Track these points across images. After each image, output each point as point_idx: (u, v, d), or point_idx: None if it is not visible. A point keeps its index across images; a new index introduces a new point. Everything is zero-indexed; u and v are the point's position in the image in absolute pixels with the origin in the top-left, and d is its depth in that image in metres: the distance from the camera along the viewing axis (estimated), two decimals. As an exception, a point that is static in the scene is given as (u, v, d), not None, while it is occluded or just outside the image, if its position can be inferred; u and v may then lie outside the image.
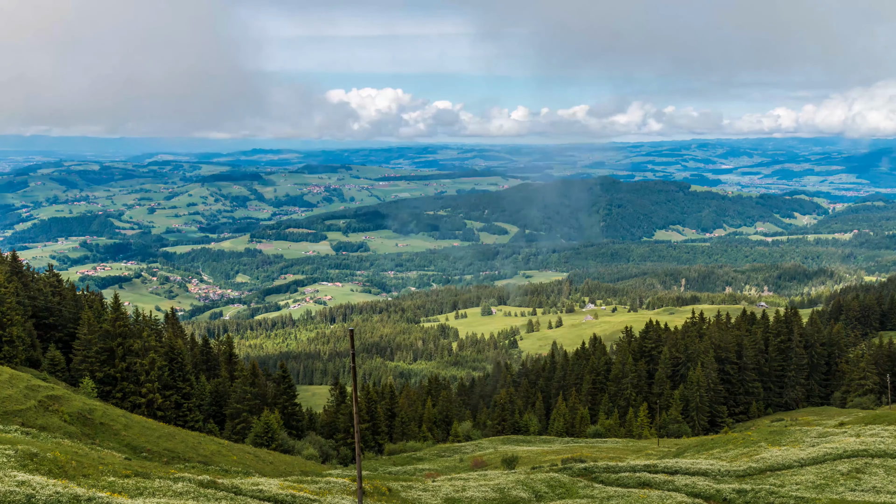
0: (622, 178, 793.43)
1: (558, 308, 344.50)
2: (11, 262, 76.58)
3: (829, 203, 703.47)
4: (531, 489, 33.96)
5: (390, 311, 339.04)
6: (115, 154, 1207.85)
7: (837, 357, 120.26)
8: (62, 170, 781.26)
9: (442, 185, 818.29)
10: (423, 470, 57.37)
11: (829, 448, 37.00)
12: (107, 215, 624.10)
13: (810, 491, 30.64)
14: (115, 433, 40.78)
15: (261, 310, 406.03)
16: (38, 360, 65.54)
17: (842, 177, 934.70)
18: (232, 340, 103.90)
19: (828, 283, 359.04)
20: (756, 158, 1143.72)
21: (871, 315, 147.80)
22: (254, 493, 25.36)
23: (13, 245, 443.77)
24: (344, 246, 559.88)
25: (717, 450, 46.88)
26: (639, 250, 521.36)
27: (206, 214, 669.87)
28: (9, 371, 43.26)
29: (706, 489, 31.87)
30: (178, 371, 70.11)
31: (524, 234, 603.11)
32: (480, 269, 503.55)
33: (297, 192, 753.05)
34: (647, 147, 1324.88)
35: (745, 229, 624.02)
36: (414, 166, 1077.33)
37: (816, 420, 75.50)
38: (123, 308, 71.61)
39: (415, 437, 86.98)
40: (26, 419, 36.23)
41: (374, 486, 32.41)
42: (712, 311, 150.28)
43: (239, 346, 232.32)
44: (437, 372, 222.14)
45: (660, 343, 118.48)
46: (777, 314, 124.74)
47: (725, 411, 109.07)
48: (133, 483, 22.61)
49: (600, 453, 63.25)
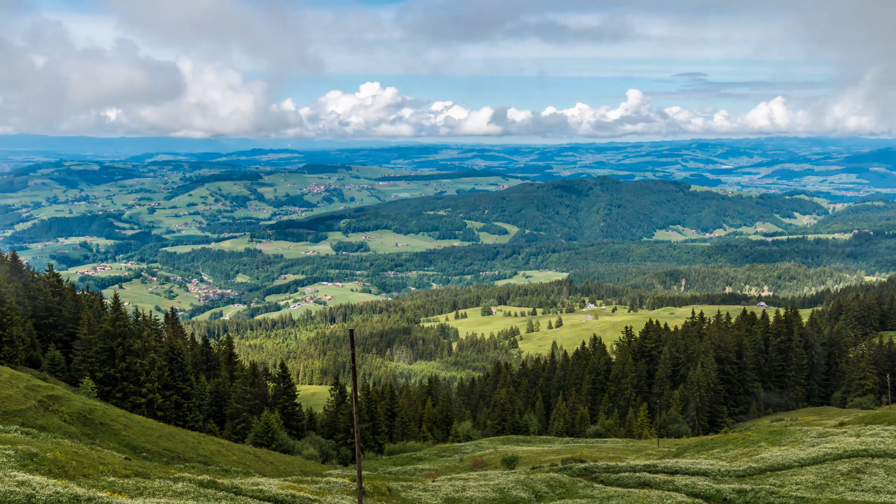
0: (622, 178, 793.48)
1: (558, 308, 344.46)
2: (11, 262, 76.56)
3: (829, 203, 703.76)
4: (531, 489, 33.95)
5: (390, 311, 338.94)
6: (115, 154, 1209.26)
7: (837, 357, 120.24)
8: (62, 170, 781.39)
9: (442, 185, 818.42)
10: (423, 470, 57.36)
11: (829, 448, 36.99)
12: (107, 215, 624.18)
13: (810, 491, 30.63)
14: (115, 433, 40.77)
15: (261, 310, 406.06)
16: (38, 360, 65.53)
17: (842, 177, 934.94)
18: (232, 340, 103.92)
19: (828, 283, 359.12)
20: (756, 158, 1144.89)
21: (871, 315, 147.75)
22: (254, 493, 25.36)
23: (13, 245, 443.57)
24: (344, 246, 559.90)
25: (717, 450, 46.88)
26: (639, 250, 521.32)
27: (206, 214, 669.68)
28: (9, 371, 43.26)
29: (706, 489, 31.86)
30: (178, 371, 70.09)
31: (524, 234, 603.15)
32: (480, 269, 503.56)
33: (297, 192, 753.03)
34: (647, 147, 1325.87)
35: (745, 229, 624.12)
36: (414, 166, 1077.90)
37: (816, 420, 75.48)
38: (123, 308, 71.66)
39: (415, 437, 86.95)
40: (26, 419, 36.23)
41: (374, 486, 32.42)
42: (712, 311, 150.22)
43: (239, 346, 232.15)
44: (437, 372, 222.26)
45: (660, 343, 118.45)
46: (777, 314, 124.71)
47: (725, 411, 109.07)
48: (133, 483, 22.61)
49: (600, 453, 63.25)
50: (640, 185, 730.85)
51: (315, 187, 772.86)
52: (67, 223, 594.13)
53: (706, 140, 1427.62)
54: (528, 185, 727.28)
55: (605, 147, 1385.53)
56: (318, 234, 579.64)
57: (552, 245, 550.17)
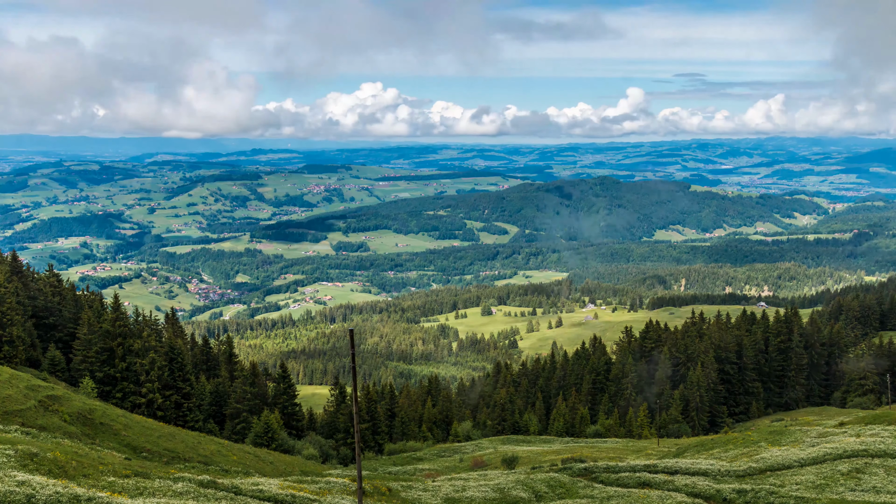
0: (622, 178, 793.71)
1: (558, 308, 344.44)
2: (11, 262, 76.58)
3: (829, 203, 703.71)
4: (531, 489, 33.95)
5: (390, 311, 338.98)
6: (115, 154, 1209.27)
7: (837, 357, 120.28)
8: (62, 170, 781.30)
9: (442, 185, 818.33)
10: (423, 470, 57.37)
11: (829, 448, 37.00)
12: (107, 215, 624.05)
13: (810, 491, 30.63)
14: (115, 433, 40.77)
15: (261, 310, 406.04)
16: (38, 360, 65.54)
17: (842, 177, 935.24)
18: (232, 340, 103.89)
19: (828, 283, 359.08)
20: (756, 158, 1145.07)
21: (871, 315, 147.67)
22: (254, 493, 25.35)
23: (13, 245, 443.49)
24: (344, 246, 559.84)
25: (717, 450, 46.90)
26: (639, 250, 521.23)
27: (206, 214, 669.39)
28: (9, 371, 43.25)
29: (706, 489, 31.86)
30: (178, 371, 70.07)
31: (524, 234, 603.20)
32: (480, 269, 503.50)
33: (297, 192, 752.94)
34: (647, 147, 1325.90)
35: (745, 229, 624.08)
36: (414, 166, 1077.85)
37: (816, 420, 75.49)
38: (123, 308, 71.66)
39: (415, 437, 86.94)
40: (26, 419, 36.23)
41: (374, 486, 32.41)
42: (712, 311, 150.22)
43: (239, 346, 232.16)
44: (437, 372, 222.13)
45: (660, 343, 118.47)
46: (777, 314, 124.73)
47: (725, 411, 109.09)
48: (133, 483, 22.60)
49: (600, 453, 63.25)
50: (640, 185, 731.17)
51: (315, 187, 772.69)
52: (67, 223, 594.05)
53: (706, 140, 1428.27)
54: (528, 185, 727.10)
55: (605, 147, 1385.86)
56: (317, 234, 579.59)
57: (552, 245, 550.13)
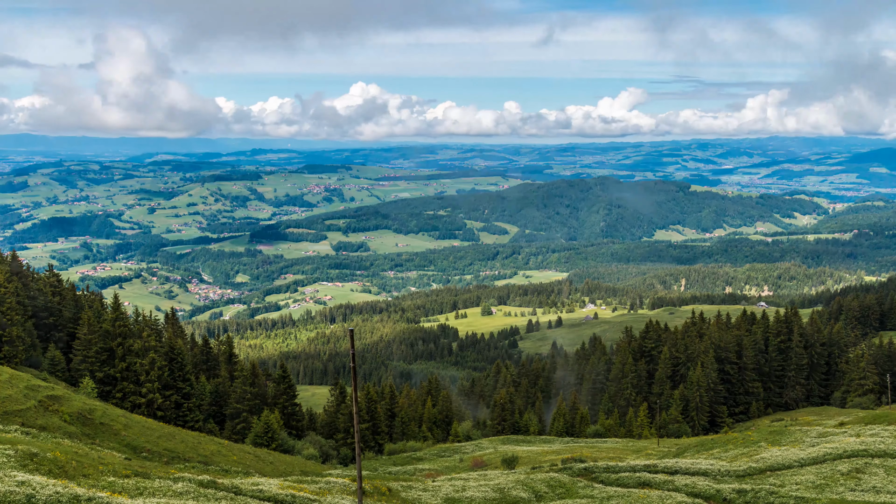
0: (622, 178, 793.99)
1: (558, 308, 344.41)
2: (11, 262, 76.55)
3: (829, 203, 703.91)
4: (531, 489, 33.94)
5: (390, 311, 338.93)
6: (115, 154, 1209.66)
7: (837, 357, 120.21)
8: (62, 170, 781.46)
9: (442, 185, 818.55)
10: (423, 470, 57.36)
11: (829, 448, 36.99)
12: (107, 215, 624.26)
13: (810, 491, 30.63)
14: (115, 433, 40.77)
15: (261, 310, 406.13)
16: (38, 360, 65.50)
17: (842, 177, 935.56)
18: (232, 340, 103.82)
19: (828, 283, 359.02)
20: (756, 158, 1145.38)
21: (871, 315, 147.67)
22: (254, 493, 25.35)
23: (13, 245, 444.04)
24: (344, 246, 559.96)
25: (717, 450, 46.89)
26: (639, 250, 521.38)
27: (206, 214, 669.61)
28: (9, 371, 43.24)
29: (706, 489, 31.85)
30: (178, 371, 70.05)
31: (524, 234, 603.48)
32: (480, 269, 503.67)
33: (297, 192, 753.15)
34: (647, 147, 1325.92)
35: (745, 229, 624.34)
36: (414, 166, 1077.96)
37: (816, 420, 75.51)
38: (123, 308, 71.62)
39: (415, 437, 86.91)
40: (26, 419, 36.23)
41: (374, 486, 32.41)
42: (712, 311, 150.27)
43: (239, 346, 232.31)
44: (437, 372, 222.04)
45: (660, 343, 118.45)
46: (777, 314, 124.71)
47: (725, 411, 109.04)
48: (133, 483, 22.60)
49: (600, 453, 63.25)
50: (640, 185, 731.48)
51: (315, 187, 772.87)
52: (67, 223, 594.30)
53: (706, 140, 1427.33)
54: (529, 184, 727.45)
55: (605, 147, 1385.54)
56: (318, 234, 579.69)
57: (552, 245, 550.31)
